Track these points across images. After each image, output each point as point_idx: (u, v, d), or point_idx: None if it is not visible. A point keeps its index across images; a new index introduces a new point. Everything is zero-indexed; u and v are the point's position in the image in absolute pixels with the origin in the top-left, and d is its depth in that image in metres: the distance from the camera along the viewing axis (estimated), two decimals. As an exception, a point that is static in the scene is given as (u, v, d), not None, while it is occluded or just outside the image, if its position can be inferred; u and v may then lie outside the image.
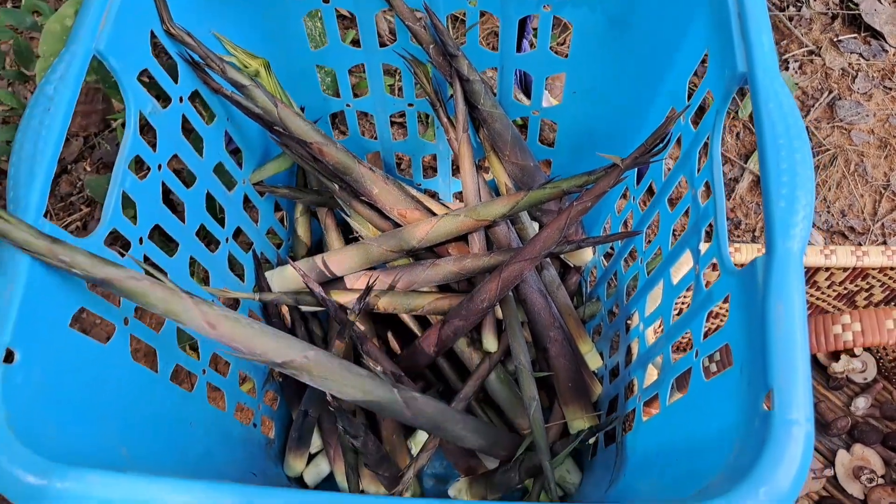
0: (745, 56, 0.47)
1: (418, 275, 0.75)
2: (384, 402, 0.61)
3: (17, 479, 0.39)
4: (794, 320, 0.40)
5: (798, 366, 0.39)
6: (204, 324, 0.51)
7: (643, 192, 0.70)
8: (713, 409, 0.47)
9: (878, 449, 0.80)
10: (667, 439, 0.55)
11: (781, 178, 0.43)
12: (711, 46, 0.53)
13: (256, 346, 0.53)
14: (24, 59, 1.00)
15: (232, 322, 0.52)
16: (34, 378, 0.44)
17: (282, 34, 0.71)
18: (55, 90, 0.49)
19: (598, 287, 0.84)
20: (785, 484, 0.37)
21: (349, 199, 0.75)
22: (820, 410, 0.83)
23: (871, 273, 0.73)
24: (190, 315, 0.51)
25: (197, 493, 0.38)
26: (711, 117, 0.52)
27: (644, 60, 0.64)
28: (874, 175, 0.99)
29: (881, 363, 0.85)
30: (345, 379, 0.58)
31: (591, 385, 0.78)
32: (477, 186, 0.74)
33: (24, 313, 0.43)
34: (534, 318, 0.75)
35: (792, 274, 0.41)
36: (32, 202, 0.46)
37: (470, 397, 0.75)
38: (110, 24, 0.52)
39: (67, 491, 0.39)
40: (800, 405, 0.38)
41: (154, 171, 0.59)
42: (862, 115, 1.01)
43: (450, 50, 0.66)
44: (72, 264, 0.46)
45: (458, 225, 0.72)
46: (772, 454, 0.38)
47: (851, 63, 1.05)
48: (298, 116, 0.67)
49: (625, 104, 0.69)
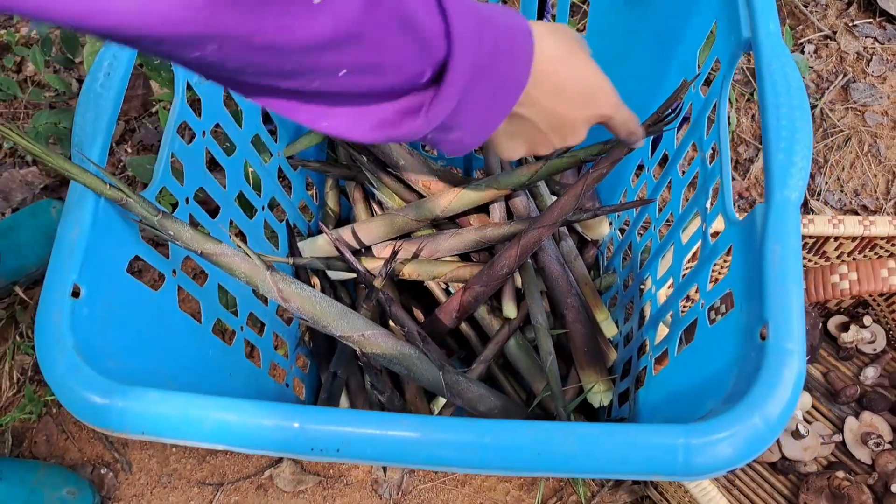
0: (750, 23, 0.51)
1: (441, 243, 0.79)
2: (431, 380, 0.67)
3: (85, 399, 0.44)
4: (788, 260, 0.43)
5: (792, 300, 0.43)
6: (279, 297, 0.59)
7: (656, 162, 0.73)
8: (716, 351, 0.50)
9: (886, 416, 0.83)
10: (674, 387, 0.58)
11: (781, 132, 0.47)
12: (720, 17, 0.56)
13: (322, 318, 0.60)
14: (71, 46, 1.06)
15: (303, 297, 0.60)
16: (97, 312, 0.49)
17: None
18: (108, 74, 0.54)
19: (614, 259, 0.87)
20: (778, 405, 0.41)
21: (377, 170, 0.79)
22: (830, 380, 0.86)
23: (878, 243, 0.76)
24: (267, 288, 0.59)
25: (243, 410, 0.43)
26: (719, 82, 0.55)
27: (657, 34, 0.67)
28: (887, 155, 1.01)
29: (890, 334, 0.87)
30: (396, 356, 0.64)
31: (606, 351, 0.82)
32: (498, 158, 0.77)
33: (89, 257, 0.48)
34: (551, 286, 0.79)
35: (788, 219, 0.45)
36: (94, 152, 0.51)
37: (489, 360, 0.79)
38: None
39: (129, 408, 0.43)
40: (793, 336, 0.42)
41: (199, 138, 0.63)
42: (876, 98, 1.04)
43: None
44: (176, 237, 0.53)
45: (480, 195, 0.75)
46: (766, 379, 0.41)
47: (866, 47, 1.08)
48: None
49: (640, 76, 0.73)
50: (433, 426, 0.41)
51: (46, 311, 0.46)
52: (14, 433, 0.91)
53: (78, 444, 0.91)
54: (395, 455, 0.42)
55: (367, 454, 0.42)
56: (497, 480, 0.87)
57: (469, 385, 0.72)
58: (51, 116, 1.03)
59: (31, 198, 1.07)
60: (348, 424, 0.42)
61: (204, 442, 0.43)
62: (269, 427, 0.42)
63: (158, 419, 0.43)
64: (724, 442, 0.40)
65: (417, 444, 0.41)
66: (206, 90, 0.64)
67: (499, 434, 0.41)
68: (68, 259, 0.47)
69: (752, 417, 0.40)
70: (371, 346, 0.63)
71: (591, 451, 0.41)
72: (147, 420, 0.43)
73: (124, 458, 0.90)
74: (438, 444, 0.41)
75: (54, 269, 0.47)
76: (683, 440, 0.40)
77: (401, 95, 0.36)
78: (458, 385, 0.71)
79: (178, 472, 0.89)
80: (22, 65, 1.22)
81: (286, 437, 0.42)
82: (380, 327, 0.64)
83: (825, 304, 0.87)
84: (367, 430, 0.42)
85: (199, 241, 0.55)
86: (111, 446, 0.90)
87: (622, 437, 0.41)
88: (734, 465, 0.41)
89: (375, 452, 0.42)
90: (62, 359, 0.45)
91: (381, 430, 0.42)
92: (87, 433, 0.91)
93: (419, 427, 0.41)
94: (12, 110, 1.15)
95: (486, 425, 0.41)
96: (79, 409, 0.44)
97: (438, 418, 0.42)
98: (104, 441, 0.91)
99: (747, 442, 0.40)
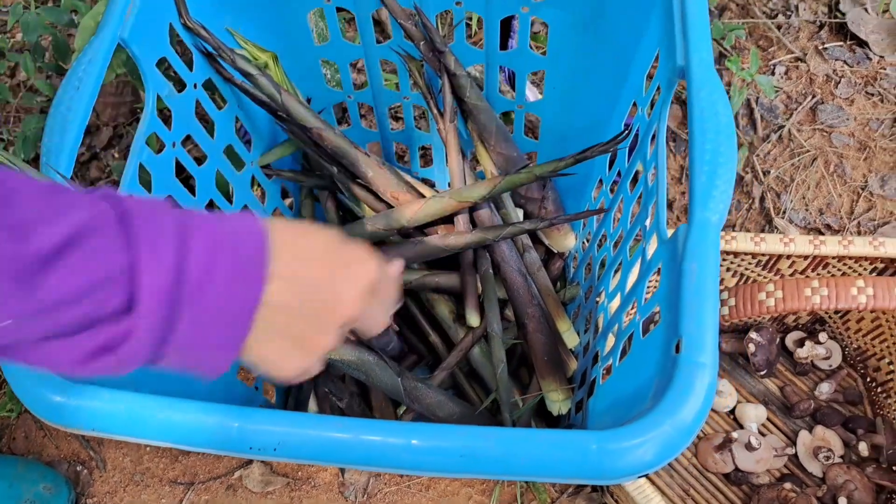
0: (685, 52, 0.53)
1: (408, 251, 0.82)
2: (390, 386, 0.72)
3: (43, 398, 0.46)
4: (705, 278, 0.46)
5: (706, 316, 0.45)
6: None
7: (612, 178, 0.76)
8: (645, 362, 0.53)
9: (838, 431, 0.85)
10: (615, 395, 0.61)
11: (705, 156, 0.49)
12: (661, 45, 0.59)
13: None
14: (62, 53, 1.09)
15: None
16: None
17: (288, 30, 0.78)
18: (84, 71, 0.57)
19: (578, 271, 0.90)
20: (689, 413, 0.43)
21: (347, 181, 0.82)
22: (786, 394, 0.88)
23: (829, 262, 0.79)
24: None
25: (186, 410, 0.45)
26: (658, 107, 0.58)
27: (611, 58, 0.70)
28: (853, 176, 1.03)
29: (846, 352, 0.89)
30: (355, 363, 0.69)
31: (566, 360, 0.84)
32: (462, 172, 0.80)
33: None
34: (513, 296, 0.81)
35: (707, 239, 0.47)
36: (62, 162, 0.54)
37: (452, 367, 0.81)
38: (134, 16, 0.59)
39: (82, 406, 0.46)
40: (705, 349, 0.44)
41: (168, 148, 0.66)
42: (843, 119, 1.06)
43: (437, 46, 0.72)
44: None
45: (444, 206, 0.78)
46: (678, 389, 0.43)
47: (836, 69, 1.10)
48: (300, 104, 0.74)
49: (597, 98, 0.75)
50: (365, 428, 0.44)
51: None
52: (-7, 429, 0.94)
53: (55, 441, 0.94)
54: (329, 455, 0.44)
55: (301, 453, 0.44)
56: (461, 485, 0.90)
57: (428, 391, 0.75)
58: (40, 121, 1.06)
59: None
60: (284, 425, 0.44)
61: (150, 439, 0.45)
62: (210, 426, 0.45)
63: (108, 416, 0.45)
64: (637, 447, 0.42)
65: (349, 445, 0.44)
66: (176, 102, 0.67)
67: (426, 437, 0.43)
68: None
69: (662, 425, 0.43)
70: (332, 352, 0.66)
71: (513, 454, 0.43)
72: (98, 417, 0.45)
73: (99, 457, 0.92)
74: (369, 445, 0.44)
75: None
76: (596, 445, 0.42)
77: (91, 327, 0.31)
78: (417, 391, 0.74)
79: (150, 471, 0.92)
80: (15, 70, 1.25)
81: (227, 436, 0.45)
82: None
83: (783, 319, 0.89)
84: (302, 430, 0.44)
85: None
86: (87, 445, 0.93)
87: (541, 441, 0.43)
88: (648, 469, 0.43)
89: (310, 452, 0.44)
90: (20, 357, 0.48)
91: (316, 431, 0.44)
92: (65, 432, 0.94)
93: (351, 429, 0.44)
94: (4, 114, 1.19)
95: (415, 428, 0.44)
96: (36, 406, 0.47)
97: (371, 421, 0.45)
98: (80, 440, 0.93)
99: (659, 448, 0.43)
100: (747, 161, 1.04)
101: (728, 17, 1.15)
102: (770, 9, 1.16)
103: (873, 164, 1.04)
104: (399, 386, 0.73)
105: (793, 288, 0.55)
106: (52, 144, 0.55)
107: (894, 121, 1.06)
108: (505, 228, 0.76)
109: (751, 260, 0.79)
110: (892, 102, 1.07)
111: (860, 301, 0.53)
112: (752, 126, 1.07)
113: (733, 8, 1.16)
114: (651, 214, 0.59)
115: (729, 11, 1.16)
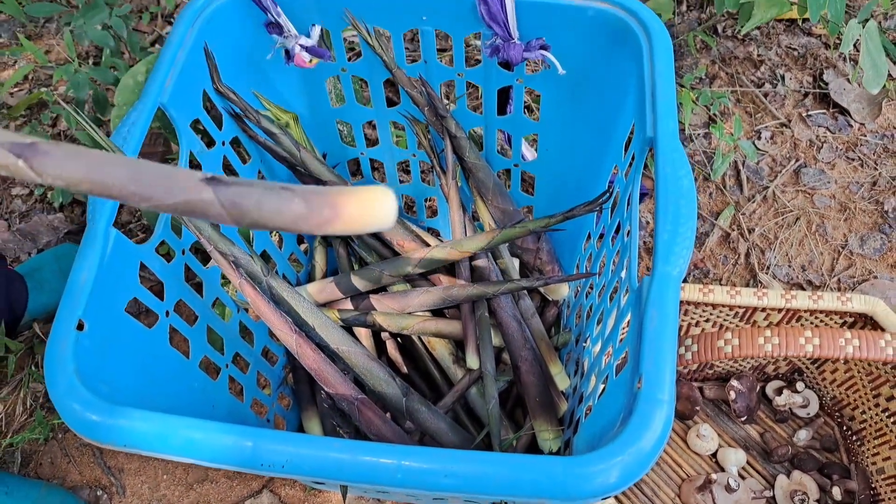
0: (653, 125, 0.61)
1: (412, 299, 0.88)
2: (394, 402, 0.77)
3: (82, 416, 0.53)
4: (664, 323, 0.52)
5: (665, 356, 0.51)
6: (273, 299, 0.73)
7: (599, 232, 0.83)
8: (616, 399, 0.59)
9: (814, 476, 0.89)
10: (593, 430, 0.66)
11: (668, 217, 0.56)
12: (636, 117, 0.66)
13: (307, 321, 0.74)
14: (101, 106, 1.19)
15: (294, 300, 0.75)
16: (96, 343, 0.58)
17: (309, 93, 0.87)
18: (128, 131, 0.65)
19: (570, 318, 0.96)
20: (648, 443, 0.49)
21: (357, 231, 0.90)
22: (766, 439, 0.93)
23: (802, 315, 0.84)
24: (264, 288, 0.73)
25: (207, 430, 0.52)
26: (632, 173, 0.65)
27: (595, 126, 0.78)
28: (834, 235, 1.10)
29: (823, 400, 0.94)
30: (366, 374, 0.76)
31: (557, 402, 0.90)
32: (463, 224, 0.88)
33: (94, 296, 0.58)
34: (508, 340, 0.88)
35: (668, 290, 0.54)
36: (104, 214, 0.61)
37: (449, 406, 0.87)
38: (173, 83, 0.68)
39: (117, 424, 0.52)
40: (664, 387, 0.50)
41: (198, 198, 0.74)
42: (824, 182, 1.13)
43: (440, 112, 0.81)
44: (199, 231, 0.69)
45: (446, 255, 0.85)
46: (637, 422, 0.49)
47: (819, 135, 1.18)
48: (317, 160, 0.83)
49: (585, 160, 0.83)
50: (362, 450, 0.50)
51: (55, 340, 0.56)
52: (23, 454, 1.00)
53: (78, 467, 1.00)
54: (330, 472, 0.50)
55: (306, 470, 0.50)
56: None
57: (430, 416, 0.80)
58: (78, 169, 1.15)
59: (56, 241, 1.18)
60: (292, 445, 0.51)
61: (175, 455, 0.51)
62: (227, 445, 0.51)
63: (138, 434, 0.52)
64: (601, 472, 0.48)
65: (348, 464, 0.50)
66: (207, 157, 0.75)
67: (414, 458, 0.50)
68: (77, 297, 0.57)
69: (624, 453, 0.49)
70: (346, 358, 0.73)
71: (490, 475, 0.49)
72: (129, 434, 0.52)
73: (119, 483, 0.98)
74: (365, 465, 0.50)
75: (64, 305, 0.57)
76: (563, 469, 0.48)
77: None
78: (419, 413, 0.79)
79: (166, 498, 0.97)
80: (56, 120, 1.35)
81: (242, 454, 0.51)
82: (359, 345, 0.74)
83: (763, 368, 0.94)
84: (307, 450, 0.50)
85: (215, 237, 0.69)
86: (108, 471, 0.99)
87: (515, 465, 0.49)
88: (612, 491, 0.49)
89: (313, 469, 0.50)
90: (64, 381, 0.54)
91: (319, 451, 0.50)
92: (88, 458, 1.00)
93: (350, 450, 0.50)
94: (45, 161, 1.28)
95: (406, 450, 0.50)
96: (75, 423, 0.53)
97: (368, 444, 0.51)
98: (102, 466, 0.99)
99: (621, 472, 0.48)
100: (734, 219, 1.11)
101: (718, 84, 1.24)
102: (758, 78, 1.25)
103: (853, 224, 1.10)
104: (402, 404, 0.78)
105: (747, 336, 0.61)
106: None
107: (873, 184, 1.13)
108: (503, 284, 0.83)
109: (728, 311, 0.85)
110: (872, 167, 1.14)
111: (807, 350, 0.59)
112: (738, 186, 1.14)
113: (723, 76, 1.25)
114: (626, 267, 0.66)
115: (719, 79, 1.24)
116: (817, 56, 1.27)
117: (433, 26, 0.74)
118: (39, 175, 0.26)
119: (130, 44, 1.15)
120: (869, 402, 0.88)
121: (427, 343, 0.91)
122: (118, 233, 0.62)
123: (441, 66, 0.79)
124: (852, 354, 0.59)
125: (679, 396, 0.94)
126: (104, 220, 0.61)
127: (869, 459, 0.88)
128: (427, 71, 0.79)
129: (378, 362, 0.78)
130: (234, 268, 0.70)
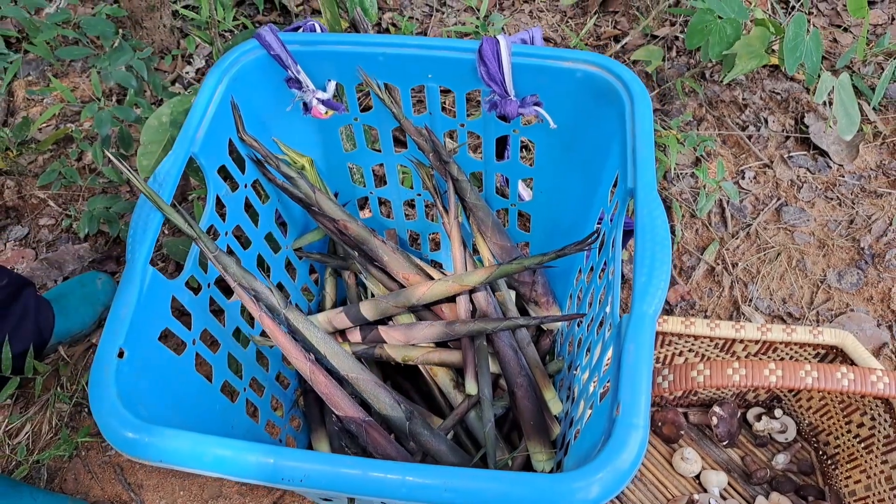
0: (634, 177, 0.68)
1: (417, 332, 0.95)
2: (398, 425, 0.84)
3: (122, 434, 0.60)
4: (640, 357, 0.59)
5: (640, 386, 0.58)
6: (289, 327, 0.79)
7: (588, 269, 0.90)
8: (599, 423, 0.65)
9: (791, 497, 0.95)
10: (580, 452, 0.73)
11: (645, 261, 0.63)
12: (619, 168, 0.74)
13: (321, 350, 0.81)
14: (125, 143, 1.27)
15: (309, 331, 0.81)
16: (134, 369, 0.65)
17: (324, 140, 0.94)
18: (164, 179, 0.72)
19: (563, 347, 1.03)
20: (624, 463, 0.55)
21: (366, 263, 0.97)
22: (746, 462, 0.99)
23: (778, 347, 0.91)
24: (281, 318, 0.79)
25: (234, 448, 0.58)
26: (616, 217, 0.72)
27: (584, 173, 0.85)
28: (813, 270, 1.16)
29: (800, 426, 1.01)
30: (373, 399, 0.82)
31: (550, 426, 0.96)
32: (464, 259, 0.95)
33: (133, 327, 0.65)
34: (504, 367, 0.94)
35: (644, 326, 0.60)
36: (142, 253, 0.69)
37: (450, 428, 0.93)
38: (203, 134, 0.76)
39: (153, 442, 0.59)
40: (639, 413, 0.57)
41: (222, 236, 0.82)
42: (804, 220, 1.20)
43: (443, 157, 0.88)
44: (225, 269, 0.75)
45: (447, 288, 0.92)
46: (614, 444, 0.56)
47: (799, 175, 1.25)
48: (330, 201, 0.90)
49: (575, 202, 0.90)
50: (370, 466, 0.57)
51: (98, 367, 0.63)
52: (49, 470, 1.07)
53: (101, 483, 1.06)
54: (343, 486, 0.57)
55: (322, 484, 0.57)
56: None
57: (431, 438, 0.86)
58: (104, 201, 1.23)
59: (81, 269, 1.26)
60: (309, 462, 0.57)
61: (205, 470, 0.58)
62: (252, 461, 0.58)
63: (172, 451, 0.58)
64: (582, 488, 0.55)
65: (358, 479, 0.56)
66: (230, 199, 0.82)
67: (417, 474, 0.56)
68: (118, 328, 0.64)
69: (602, 471, 0.55)
70: (355, 384, 0.79)
71: (484, 490, 0.55)
72: (164, 451, 0.58)
73: (139, 498, 1.05)
74: (374, 480, 0.56)
75: (107, 336, 0.64)
76: (549, 485, 0.55)
77: None
78: (422, 436, 0.86)
79: (182, 513, 1.04)
80: (82, 154, 1.44)
81: (264, 469, 0.58)
82: (367, 371, 0.80)
83: (744, 395, 1.01)
84: (322, 466, 0.57)
85: (238, 274, 0.75)
86: (128, 487, 1.05)
87: (507, 481, 0.55)
88: (592, 505, 0.56)
89: (328, 482, 0.57)
90: (107, 403, 0.61)
91: (333, 467, 0.57)
92: (109, 474, 1.07)
93: (361, 466, 0.57)
94: (71, 192, 1.36)
95: (410, 467, 0.56)
96: (116, 441, 0.60)
97: (376, 461, 0.58)
98: (123, 482, 1.06)
99: (601, 488, 0.54)
100: (718, 254, 1.18)
101: (705, 126, 1.31)
102: (742, 121, 1.32)
103: (831, 260, 1.17)
104: (406, 427, 0.84)
105: (717, 368, 0.67)
106: (136, 236, 0.70)
107: (850, 222, 1.20)
108: (503, 321, 0.90)
109: (709, 343, 0.92)
110: (849, 206, 1.21)
111: (771, 381, 0.66)
112: (723, 223, 1.21)
113: (710, 119, 1.32)
114: (609, 303, 0.73)
115: (706, 122, 1.32)
116: (799, 100, 1.35)
117: (437, 83, 0.82)
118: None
119: (153, 84, 1.23)
120: (842, 428, 0.94)
121: (430, 370, 0.98)
122: (154, 270, 0.69)
123: (445, 117, 0.87)
124: (811, 385, 0.66)
125: (665, 421, 1.01)
126: (142, 258, 0.69)
127: (842, 482, 0.94)
128: (432, 121, 0.87)
129: (385, 388, 0.85)
130: (254, 302, 0.77)
